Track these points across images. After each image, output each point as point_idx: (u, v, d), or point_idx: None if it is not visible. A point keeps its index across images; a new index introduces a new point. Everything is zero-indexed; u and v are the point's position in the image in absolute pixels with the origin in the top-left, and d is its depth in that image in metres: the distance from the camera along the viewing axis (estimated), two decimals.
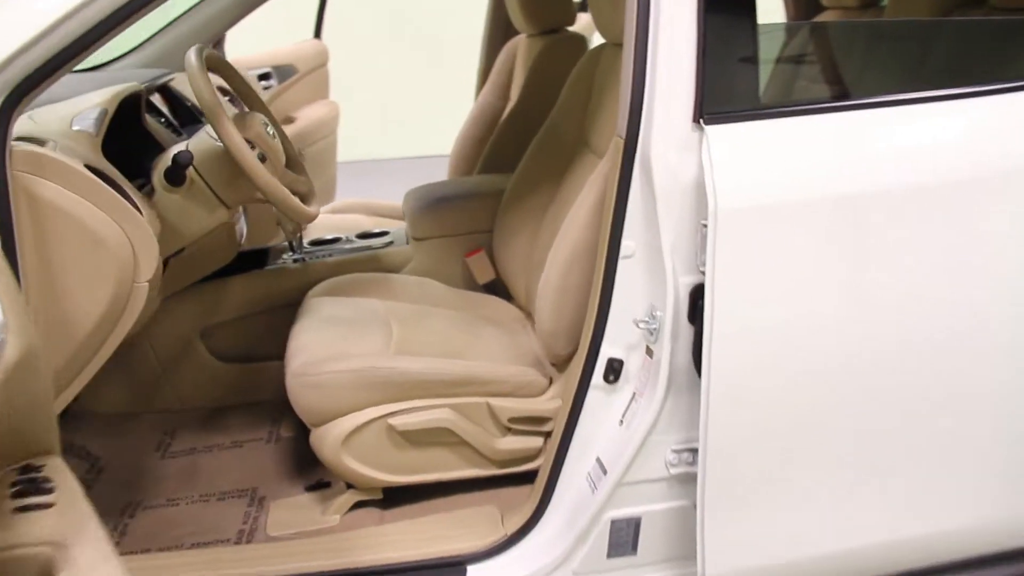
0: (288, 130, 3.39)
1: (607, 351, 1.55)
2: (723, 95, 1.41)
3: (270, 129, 1.81)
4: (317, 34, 3.67)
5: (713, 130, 1.39)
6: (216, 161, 1.71)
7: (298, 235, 2.27)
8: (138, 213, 1.47)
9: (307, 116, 3.53)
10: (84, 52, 1.36)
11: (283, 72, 3.40)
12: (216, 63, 1.85)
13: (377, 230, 2.44)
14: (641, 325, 1.49)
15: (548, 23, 2.46)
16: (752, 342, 1.42)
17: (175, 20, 2.75)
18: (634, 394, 1.57)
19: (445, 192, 2.36)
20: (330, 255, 2.29)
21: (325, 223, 2.76)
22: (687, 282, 1.45)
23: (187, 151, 1.65)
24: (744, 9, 1.41)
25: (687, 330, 1.47)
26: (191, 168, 1.69)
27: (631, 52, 1.42)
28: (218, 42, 3.04)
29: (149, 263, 1.49)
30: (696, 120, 1.41)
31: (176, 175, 1.67)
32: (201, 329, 2.20)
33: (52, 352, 1.45)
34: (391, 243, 2.35)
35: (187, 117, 2.30)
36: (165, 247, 1.73)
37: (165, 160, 1.70)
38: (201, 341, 2.21)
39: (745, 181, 1.38)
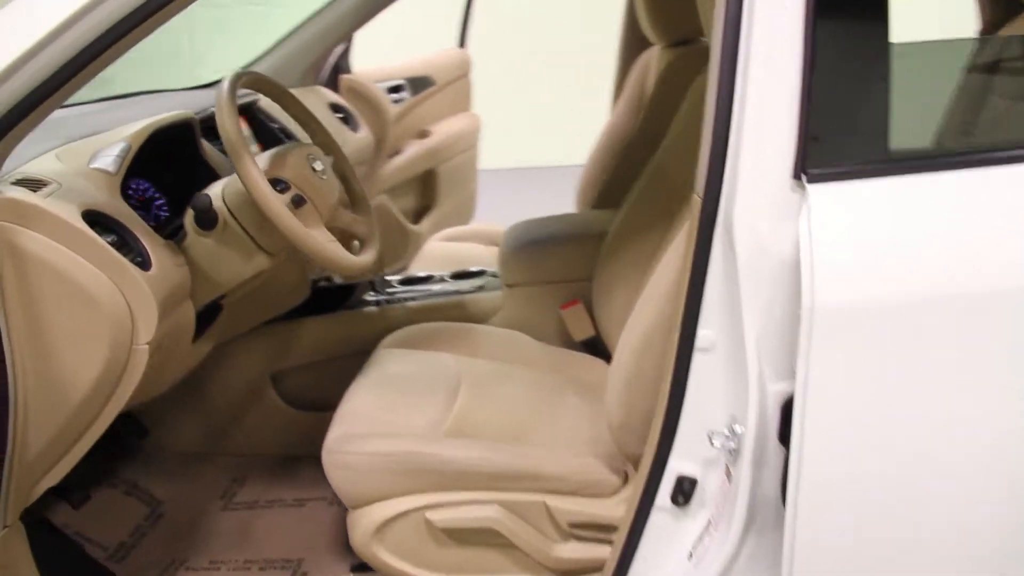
0: (421, 145, 3.22)
1: (676, 466, 1.20)
2: (836, 141, 1.04)
3: (318, 164, 1.59)
4: (461, 43, 3.47)
5: (819, 190, 1.02)
6: (252, 203, 1.51)
7: (380, 274, 2.05)
8: (135, 270, 1.29)
9: (444, 130, 3.34)
10: (69, 85, 1.20)
11: (418, 84, 3.22)
12: (263, 86, 1.65)
13: (475, 268, 2.17)
14: (716, 442, 1.13)
15: (678, 32, 2.08)
16: (854, 478, 1.04)
17: (290, 34, 2.63)
18: (709, 522, 1.21)
19: (543, 232, 2.06)
20: (413, 298, 2.05)
21: (434, 253, 2.54)
22: (778, 391, 1.08)
23: (204, 195, 1.45)
24: (871, 19, 1.02)
25: (776, 452, 1.10)
26: (225, 210, 1.50)
27: (715, 79, 1.08)
28: (344, 53, 2.90)
29: (148, 324, 1.31)
30: (797, 176, 1.04)
31: (205, 218, 1.48)
32: (272, 372, 2.04)
33: (45, 416, 1.30)
34: (483, 287, 2.08)
35: (273, 141, 2.14)
36: (200, 295, 1.55)
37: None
38: (272, 385, 2.05)
39: (861, 263, 1.00)
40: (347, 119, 2.71)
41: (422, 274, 2.18)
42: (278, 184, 1.49)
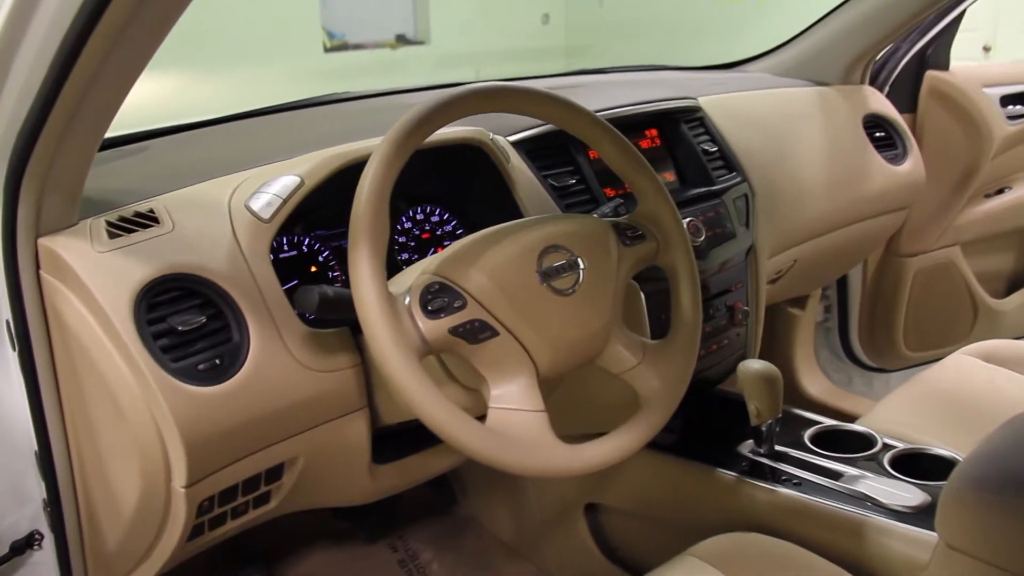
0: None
1: None
2: None
3: (580, 263, 0.94)
4: None
5: None
6: None
7: (768, 422, 1.26)
8: (166, 386, 0.88)
9: None
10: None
11: None
12: (522, 104, 0.99)
13: (947, 454, 1.22)
14: None
15: None
16: None
17: (837, 8, 1.83)
18: None
19: None
20: (801, 481, 1.22)
21: (941, 378, 1.56)
22: None
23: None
24: None
25: None
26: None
27: None
28: (938, 38, 1.95)
29: (179, 462, 0.89)
30: None
31: None
32: (587, 502, 1.46)
33: (110, 512, 1.03)
34: (922, 511, 1.13)
35: (698, 173, 1.46)
36: (384, 411, 1.07)
37: None
38: (584, 516, 1.47)
39: None
40: (890, 141, 1.84)
41: (861, 430, 1.32)
42: (442, 297, 0.89)
